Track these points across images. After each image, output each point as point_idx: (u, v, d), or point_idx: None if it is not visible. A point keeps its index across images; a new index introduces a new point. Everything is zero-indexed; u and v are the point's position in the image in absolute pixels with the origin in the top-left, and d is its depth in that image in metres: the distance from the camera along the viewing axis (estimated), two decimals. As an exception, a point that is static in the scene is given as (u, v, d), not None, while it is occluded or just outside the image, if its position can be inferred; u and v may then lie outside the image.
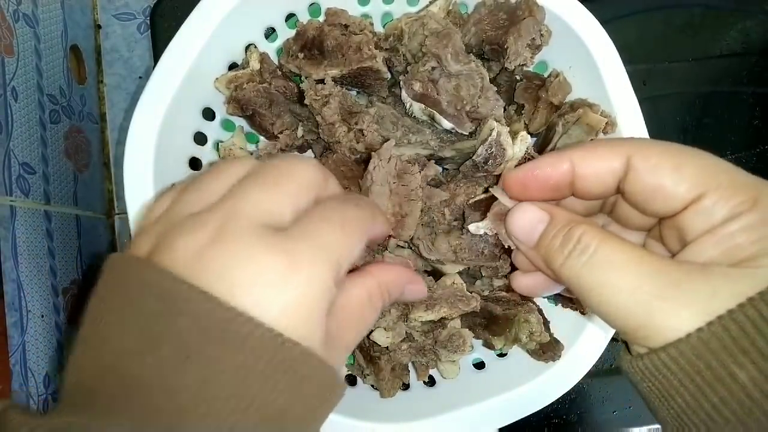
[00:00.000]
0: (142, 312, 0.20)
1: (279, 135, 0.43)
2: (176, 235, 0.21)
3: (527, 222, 0.27)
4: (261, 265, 0.20)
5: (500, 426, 0.38)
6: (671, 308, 0.21)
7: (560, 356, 0.40)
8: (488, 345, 0.42)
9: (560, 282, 0.26)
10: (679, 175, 0.23)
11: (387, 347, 0.39)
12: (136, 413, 0.19)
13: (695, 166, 0.23)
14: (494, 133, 0.36)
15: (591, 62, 0.39)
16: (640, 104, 0.38)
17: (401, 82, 0.39)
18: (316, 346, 0.21)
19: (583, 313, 0.41)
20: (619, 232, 0.29)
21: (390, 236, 0.37)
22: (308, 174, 0.24)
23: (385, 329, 0.38)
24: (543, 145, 0.41)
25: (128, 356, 0.20)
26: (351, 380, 0.43)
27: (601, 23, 0.39)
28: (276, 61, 0.44)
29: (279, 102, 0.43)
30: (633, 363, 0.23)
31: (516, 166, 0.35)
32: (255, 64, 0.42)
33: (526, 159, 0.37)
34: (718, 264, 0.22)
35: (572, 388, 0.39)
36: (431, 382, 0.43)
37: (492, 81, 0.42)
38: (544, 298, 0.43)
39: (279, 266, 0.20)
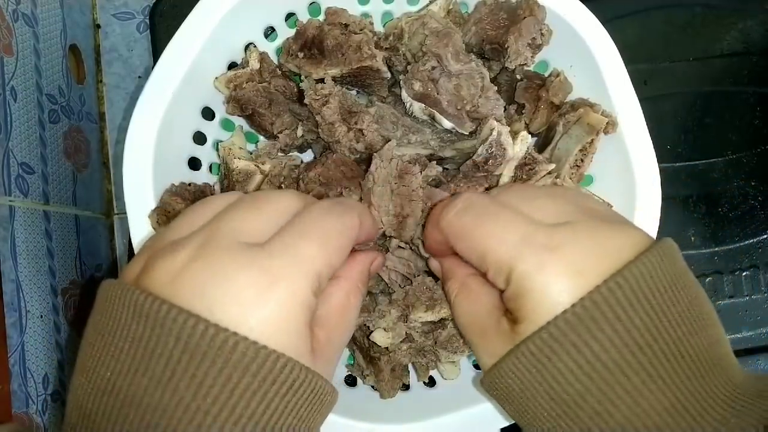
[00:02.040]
0: (128, 335, 0.21)
1: (279, 134, 0.43)
2: (159, 258, 0.22)
3: (435, 269, 0.36)
4: (238, 282, 0.21)
5: (501, 426, 0.38)
6: (479, 355, 0.28)
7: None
8: (489, 345, 0.42)
9: None
10: (466, 256, 0.28)
11: (387, 348, 0.39)
12: (131, 430, 0.20)
13: (473, 250, 0.27)
14: (495, 133, 0.36)
15: (592, 62, 0.39)
16: (641, 104, 0.38)
17: (401, 82, 0.39)
18: (303, 357, 0.22)
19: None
20: None
21: (391, 237, 0.37)
22: (287, 199, 0.26)
23: (385, 330, 0.38)
24: (544, 144, 0.41)
25: (122, 377, 0.20)
26: (351, 381, 0.43)
27: (602, 22, 0.39)
28: (276, 61, 0.44)
29: (279, 101, 0.43)
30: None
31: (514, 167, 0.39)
32: (255, 64, 0.42)
33: (527, 159, 0.37)
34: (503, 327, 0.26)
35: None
36: (431, 382, 0.42)
37: (492, 80, 0.41)
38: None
39: (257, 282, 0.21)
